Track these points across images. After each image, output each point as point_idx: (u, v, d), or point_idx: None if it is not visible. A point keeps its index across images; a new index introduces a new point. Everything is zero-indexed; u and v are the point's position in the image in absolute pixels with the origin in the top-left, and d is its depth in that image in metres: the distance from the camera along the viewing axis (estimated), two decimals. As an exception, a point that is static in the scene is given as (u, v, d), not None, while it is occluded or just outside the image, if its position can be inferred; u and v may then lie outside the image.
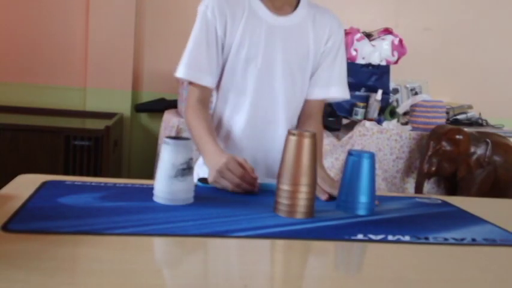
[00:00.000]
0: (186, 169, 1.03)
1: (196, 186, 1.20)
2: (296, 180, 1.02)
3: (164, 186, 1.03)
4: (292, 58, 1.36)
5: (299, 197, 1.02)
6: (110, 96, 2.97)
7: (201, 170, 1.39)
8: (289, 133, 1.04)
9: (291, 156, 1.02)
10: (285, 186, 1.03)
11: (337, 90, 1.43)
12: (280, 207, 1.04)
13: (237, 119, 1.37)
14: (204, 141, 1.28)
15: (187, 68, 1.33)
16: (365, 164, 1.09)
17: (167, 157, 1.03)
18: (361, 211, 1.10)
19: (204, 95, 1.36)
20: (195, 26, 1.34)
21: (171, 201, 1.04)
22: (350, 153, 1.11)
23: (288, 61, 1.35)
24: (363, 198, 1.09)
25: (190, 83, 1.36)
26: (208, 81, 1.34)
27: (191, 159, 1.04)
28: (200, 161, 1.44)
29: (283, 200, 1.03)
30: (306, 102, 1.43)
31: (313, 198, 1.05)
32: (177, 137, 1.07)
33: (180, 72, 1.34)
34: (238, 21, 1.32)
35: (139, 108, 3.05)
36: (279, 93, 1.36)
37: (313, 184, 1.04)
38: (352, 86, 2.95)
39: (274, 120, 1.37)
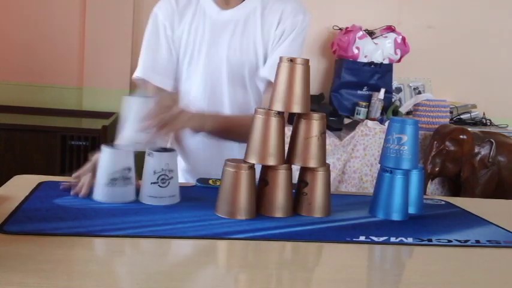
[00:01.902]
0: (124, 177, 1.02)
1: (195, 186, 1.20)
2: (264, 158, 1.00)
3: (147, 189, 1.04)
4: (238, 55, 1.26)
5: None
6: (107, 95, 2.95)
7: (188, 175, 1.37)
8: (256, 112, 1.01)
9: (259, 135, 1.00)
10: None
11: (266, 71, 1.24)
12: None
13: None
14: None
15: (141, 68, 1.29)
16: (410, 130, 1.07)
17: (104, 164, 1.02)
18: (396, 215, 1.08)
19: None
20: (147, 27, 1.31)
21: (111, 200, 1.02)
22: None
23: (235, 59, 1.26)
24: (398, 203, 1.07)
25: (145, 84, 1.30)
26: (159, 81, 1.28)
27: (129, 168, 1.03)
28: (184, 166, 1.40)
29: None
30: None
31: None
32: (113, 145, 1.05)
33: (136, 72, 1.30)
34: (185, 20, 1.28)
35: (137, 107, 3.04)
36: (225, 97, 1.28)
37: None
38: (354, 85, 2.96)
39: None
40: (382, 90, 2.89)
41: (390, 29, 3.03)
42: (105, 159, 1.02)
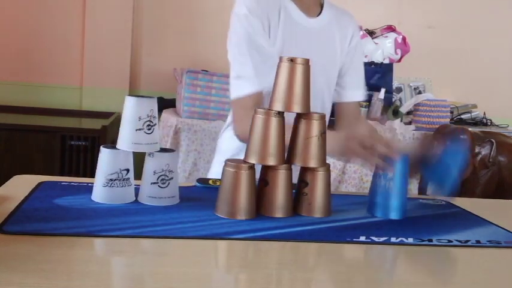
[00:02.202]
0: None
1: (195, 186, 1.20)
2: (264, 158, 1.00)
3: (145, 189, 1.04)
4: (323, 63, 1.31)
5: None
6: (106, 95, 2.95)
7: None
8: (256, 112, 1.01)
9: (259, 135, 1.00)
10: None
11: (363, 94, 1.45)
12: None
13: None
14: None
15: (256, 79, 1.22)
16: (399, 167, 1.06)
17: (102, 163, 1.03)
18: (394, 214, 1.07)
19: (260, 102, 1.24)
20: (238, 34, 1.24)
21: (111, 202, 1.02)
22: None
23: (319, 67, 1.27)
24: (396, 202, 1.07)
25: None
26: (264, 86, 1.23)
27: (127, 169, 1.03)
28: (216, 159, 1.42)
29: None
30: (345, 106, 1.39)
31: None
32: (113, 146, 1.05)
33: (248, 88, 1.23)
34: (276, 24, 1.25)
35: (137, 107, 3.04)
36: None
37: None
38: (355, 85, 2.96)
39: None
40: (383, 90, 2.88)
41: (390, 28, 3.03)
42: (103, 159, 1.02)
